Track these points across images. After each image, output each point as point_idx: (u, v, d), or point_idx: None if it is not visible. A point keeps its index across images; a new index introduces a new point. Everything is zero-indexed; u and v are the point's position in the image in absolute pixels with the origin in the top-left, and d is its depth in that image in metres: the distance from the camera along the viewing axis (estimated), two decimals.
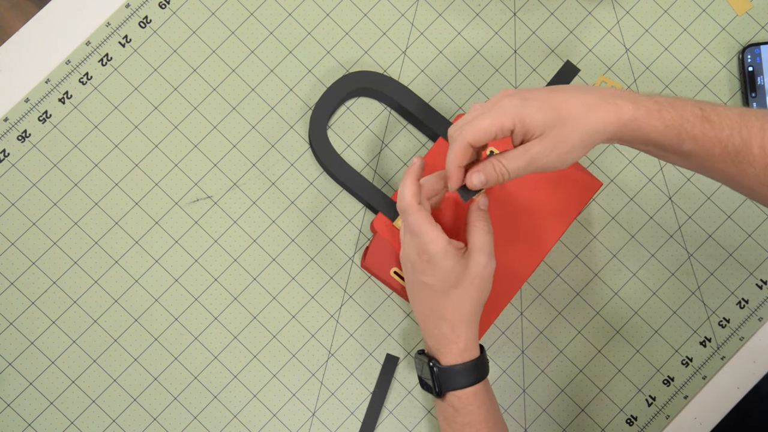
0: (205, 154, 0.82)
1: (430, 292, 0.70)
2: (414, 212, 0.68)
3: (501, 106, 0.64)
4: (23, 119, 0.81)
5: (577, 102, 0.63)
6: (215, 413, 0.80)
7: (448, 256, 0.68)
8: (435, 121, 0.79)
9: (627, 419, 0.82)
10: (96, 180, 0.81)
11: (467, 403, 0.70)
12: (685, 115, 0.64)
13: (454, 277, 0.68)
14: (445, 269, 0.68)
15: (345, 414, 0.81)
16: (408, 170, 0.70)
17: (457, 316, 0.69)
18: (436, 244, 0.67)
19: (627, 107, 0.63)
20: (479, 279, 0.68)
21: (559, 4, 0.84)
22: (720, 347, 0.82)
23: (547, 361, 0.82)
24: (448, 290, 0.69)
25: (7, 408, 0.79)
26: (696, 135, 0.64)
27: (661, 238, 0.83)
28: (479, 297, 0.69)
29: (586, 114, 0.63)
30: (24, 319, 0.80)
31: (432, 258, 0.68)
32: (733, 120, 0.64)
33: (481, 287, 0.69)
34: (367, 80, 0.80)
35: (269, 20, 0.83)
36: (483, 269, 0.68)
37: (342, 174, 0.79)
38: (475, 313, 0.70)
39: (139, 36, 0.82)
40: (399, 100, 0.80)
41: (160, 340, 0.80)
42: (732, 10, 0.84)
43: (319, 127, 0.80)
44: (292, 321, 0.81)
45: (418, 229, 0.68)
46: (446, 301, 0.69)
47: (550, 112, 0.63)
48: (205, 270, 0.81)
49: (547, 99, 0.64)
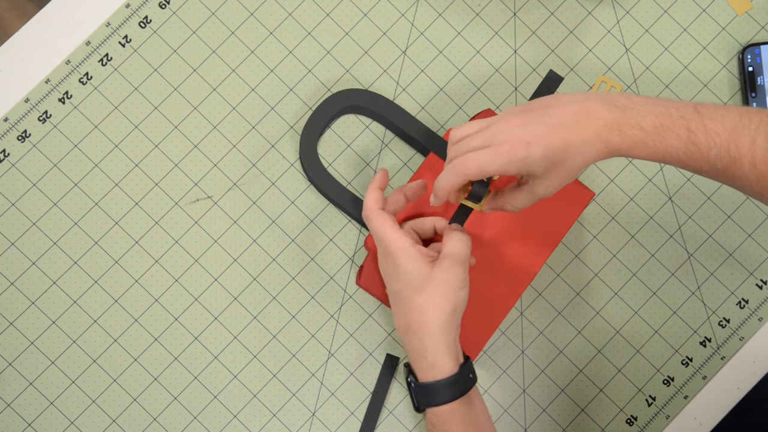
0: (205, 154, 0.82)
1: (399, 300, 0.67)
2: (375, 217, 0.68)
3: (508, 154, 0.62)
4: (23, 119, 0.81)
5: (576, 139, 0.62)
6: (215, 413, 0.80)
7: (411, 258, 0.66)
8: (429, 140, 0.79)
9: (627, 419, 0.82)
10: (96, 180, 0.81)
11: (444, 420, 0.67)
12: (670, 142, 0.62)
13: (416, 280, 0.66)
14: (408, 271, 0.66)
15: (345, 414, 0.81)
16: (372, 180, 0.71)
17: (422, 327, 0.66)
18: (396, 245, 0.66)
19: (614, 140, 0.62)
20: (444, 285, 0.65)
21: (559, 4, 0.84)
22: (720, 347, 0.82)
23: (547, 361, 0.82)
24: (412, 296, 0.66)
25: (7, 408, 0.79)
26: (681, 158, 0.63)
27: (661, 238, 0.83)
28: (446, 306, 0.65)
29: (582, 151, 0.63)
30: (24, 319, 0.80)
31: (395, 260, 0.66)
32: (723, 138, 0.62)
33: (447, 294, 0.65)
34: (358, 99, 0.80)
35: (269, 20, 0.83)
36: (448, 274, 0.65)
37: (332, 190, 0.79)
38: (443, 325, 0.66)
39: (139, 36, 0.82)
40: (390, 118, 0.80)
41: (160, 340, 0.80)
42: (732, 10, 0.84)
43: (310, 149, 0.80)
44: (292, 321, 0.81)
45: (380, 232, 0.67)
46: (411, 310, 0.66)
47: (552, 156, 0.62)
48: (205, 270, 0.81)
49: (551, 140, 0.62)
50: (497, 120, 0.64)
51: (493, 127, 0.64)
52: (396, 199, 0.72)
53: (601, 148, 0.63)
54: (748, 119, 0.62)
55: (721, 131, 0.62)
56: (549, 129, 0.62)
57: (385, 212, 0.69)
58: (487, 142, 0.63)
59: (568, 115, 0.63)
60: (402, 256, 0.66)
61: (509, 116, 0.64)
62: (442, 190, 0.65)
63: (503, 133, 0.63)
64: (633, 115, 0.62)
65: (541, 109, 0.63)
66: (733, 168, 0.62)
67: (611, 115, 0.62)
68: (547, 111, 0.63)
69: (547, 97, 0.65)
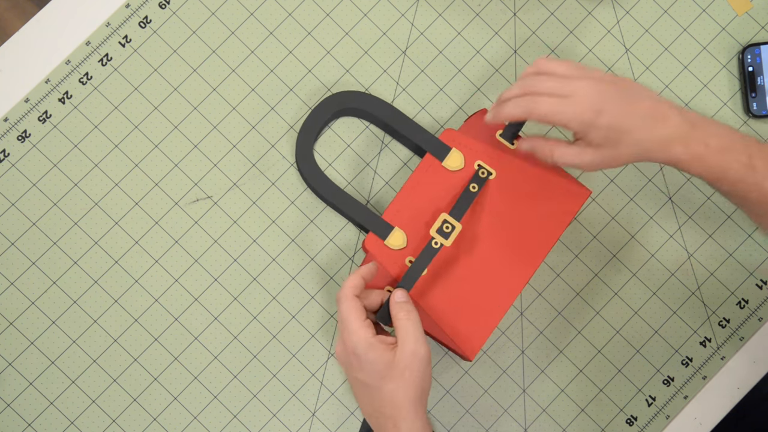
0: (205, 154, 0.82)
1: (365, 388, 0.69)
2: (347, 301, 0.69)
3: (578, 113, 0.65)
4: (23, 119, 0.81)
5: (642, 134, 0.66)
6: (215, 413, 0.80)
7: (372, 349, 0.67)
8: (424, 141, 0.79)
9: (627, 419, 0.82)
10: (96, 180, 0.81)
11: None
12: (730, 163, 0.66)
13: (381, 370, 0.67)
14: (371, 362, 0.67)
15: (345, 414, 0.81)
16: (359, 268, 0.72)
17: (395, 411, 0.67)
18: (358, 336, 0.68)
19: (677, 151, 0.66)
20: (409, 370, 0.67)
21: (559, 4, 0.84)
22: (720, 347, 0.82)
23: (547, 361, 0.82)
24: (381, 385, 0.67)
25: (7, 408, 0.79)
26: (735, 181, 0.66)
27: (661, 238, 0.83)
28: (415, 387, 0.67)
29: (641, 145, 0.67)
30: (24, 319, 0.80)
31: (356, 350, 0.68)
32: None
33: (414, 377, 0.67)
34: (352, 101, 0.80)
35: (269, 20, 0.83)
36: (411, 359, 0.67)
37: (327, 192, 0.79)
38: (414, 404, 0.67)
39: (139, 36, 0.82)
40: (385, 120, 0.80)
41: (160, 340, 0.80)
42: (732, 10, 0.84)
43: (305, 152, 0.80)
44: (292, 321, 0.81)
45: (346, 318, 0.69)
46: (382, 397, 0.67)
47: (613, 134, 0.66)
48: (205, 270, 0.81)
49: (620, 120, 0.66)
50: (582, 75, 0.67)
51: (576, 82, 0.67)
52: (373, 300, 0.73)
53: (659, 155, 0.67)
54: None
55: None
56: (624, 109, 0.66)
57: (357, 300, 0.69)
58: (564, 92, 0.66)
59: (644, 108, 0.66)
60: (362, 346, 0.67)
61: (595, 78, 0.67)
62: (503, 115, 0.69)
63: (583, 91, 0.66)
64: (701, 132, 0.66)
65: (624, 89, 0.67)
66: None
67: (682, 128, 0.66)
68: (629, 93, 0.67)
69: (629, 80, 0.68)
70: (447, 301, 0.75)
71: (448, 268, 0.76)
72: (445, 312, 0.75)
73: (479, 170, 0.76)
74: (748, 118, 0.84)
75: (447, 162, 0.77)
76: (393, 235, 0.76)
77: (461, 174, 0.77)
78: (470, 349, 0.75)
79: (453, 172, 0.77)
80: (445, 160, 0.77)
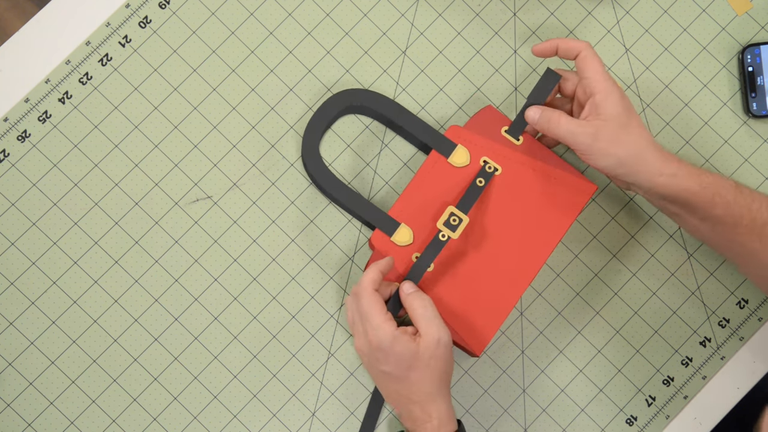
0: (205, 154, 0.82)
1: (391, 378, 0.71)
2: (367, 296, 0.70)
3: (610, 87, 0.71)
4: (23, 119, 0.81)
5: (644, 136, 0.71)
6: (215, 413, 0.80)
7: (397, 342, 0.68)
8: (431, 138, 0.79)
9: (627, 419, 0.82)
10: (96, 180, 0.81)
11: None
12: (721, 181, 0.70)
13: (407, 360, 0.69)
14: (397, 355, 0.69)
15: (345, 414, 0.81)
16: (376, 262, 0.72)
17: (423, 397, 0.70)
18: (383, 331, 0.69)
19: (673, 163, 0.70)
20: (434, 358, 0.69)
21: (559, 4, 0.84)
22: (720, 347, 0.82)
23: (547, 361, 0.82)
24: (407, 374, 0.70)
25: (7, 408, 0.79)
26: (729, 201, 0.69)
27: (661, 238, 0.83)
28: (440, 373, 0.70)
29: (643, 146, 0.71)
30: (24, 319, 0.80)
31: (381, 344, 0.69)
32: (765, 197, 0.71)
33: (439, 364, 0.69)
34: (361, 98, 0.80)
35: (269, 20, 0.83)
36: (435, 348, 0.69)
37: (334, 189, 0.79)
38: (440, 388, 0.70)
39: (139, 36, 0.82)
40: (393, 118, 0.80)
41: (160, 340, 0.80)
42: (732, 10, 0.84)
43: (312, 149, 0.80)
44: (292, 321, 0.81)
45: (368, 312, 0.69)
46: (409, 385, 0.70)
47: (625, 116, 0.70)
48: (205, 270, 0.81)
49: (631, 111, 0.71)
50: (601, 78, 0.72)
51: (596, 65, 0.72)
52: (386, 290, 0.74)
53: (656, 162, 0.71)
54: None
55: (763, 194, 0.72)
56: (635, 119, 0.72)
57: (377, 294, 0.70)
58: None
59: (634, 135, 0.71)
60: (388, 340, 0.69)
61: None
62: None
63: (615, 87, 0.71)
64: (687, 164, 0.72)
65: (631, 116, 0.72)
66: None
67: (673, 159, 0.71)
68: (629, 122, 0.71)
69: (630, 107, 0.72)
70: (454, 295, 0.75)
71: (455, 264, 0.76)
72: (452, 307, 0.75)
73: (485, 166, 0.76)
74: (747, 118, 0.84)
75: (453, 158, 0.77)
76: (399, 232, 0.76)
77: (467, 170, 0.77)
78: (478, 345, 0.75)
79: (459, 168, 0.77)
80: (450, 156, 0.77)
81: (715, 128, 0.83)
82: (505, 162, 0.77)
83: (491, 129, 0.77)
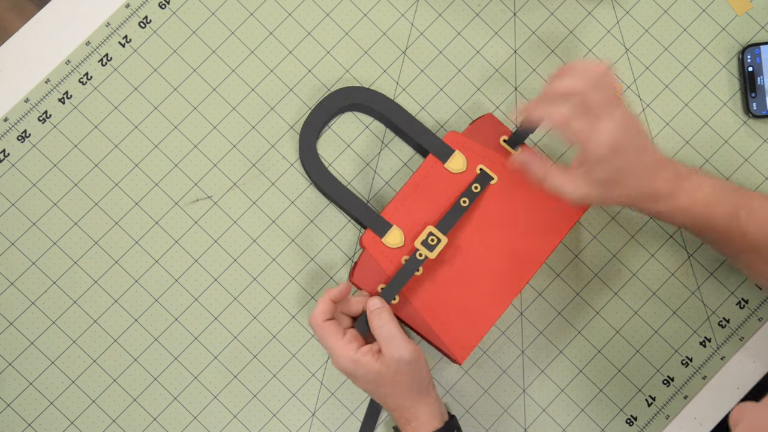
0: (205, 154, 0.82)
1: (371, 391, 0.72)
2: (318, 328, 0.71)
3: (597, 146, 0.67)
4: (23, 119, 0.81)
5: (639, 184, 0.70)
6: (215, 413, 0.80)
7: (358, 366, 0.69)
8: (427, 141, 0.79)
9: (627, 419, 0.82)
10: (96, 180, 0.81)
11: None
12: (715, 215, 0.70)
13: (373, 381, 0.70)
14: (361, 377, 0.70)
15: (345, 414, 0.81)
16: (328, 290, 0.73)
17: (401, 402, 0.71)
18: (342, 357, 0.70)
19: (660, 206, 0.70)
20: (399, 374, 0.69)
21: (559, 4, 0.84)
22: (720, 347, 0.82)
23: (547, 361, 0.82)
24: (376, 389, 0.71)
25: (7, 408, 0.79)
26: (721, 231, 0.70)
27: (661, 238, 0.83)
28: (409, 386, 0.70)
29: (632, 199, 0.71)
30: (24, 319, 0.80)
31: (344, 369, 0.70)
32: None
33: (405, 380, 0.70)
34: (358, 96, 0.80)
35: (269, 20, 0.83)
36: (397, 365, 0.69)
37: (330, 189, 0.79)
38: (415, 396, 0.71)
39: (139, 36, 0.82)
40: (390, 118, 0.80)
41: (160, 340, 0.80)
42: (732, 10, 0.84)
43: (309, 145, 0.80)
44: (292, 321, 0.81)
45: (324, 343, 0.71)
46: (382, 397, 0.71)
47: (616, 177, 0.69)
48: (205, 270, 0.81)
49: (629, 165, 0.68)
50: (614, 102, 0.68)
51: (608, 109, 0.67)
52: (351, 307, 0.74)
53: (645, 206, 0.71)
54: None
55: None
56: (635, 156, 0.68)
57: (329, 323, 0.71)
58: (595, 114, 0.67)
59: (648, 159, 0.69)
60: (350, 367, 0.70)
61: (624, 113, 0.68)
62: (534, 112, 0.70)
63: (611, 125, 0.67)
64: (689, 185, 0.70)
65: (640, 134, 0.69)
66: None
67: (672, 183, 0.70)
68: (641, 139, 0.69)
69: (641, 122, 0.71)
70: (440, 302, 0.75)
71: (444, 270, 0.76)
72: (437, 313, 0.75)
73: (481, 174, 0.76)
74: (747, 118, 0.84)
75: (449, 164, 0.77)
76: (391, 234, 0.76)
77: (463, 177, 0.77)
78: (460, 352, 0.75)
79: (455, 174, 0.77)
80: (447, 162, 0.77)
81: (715, 128, 0.83)
82: (501, 171, 0.77)
83: (490, 137, 0.77)
